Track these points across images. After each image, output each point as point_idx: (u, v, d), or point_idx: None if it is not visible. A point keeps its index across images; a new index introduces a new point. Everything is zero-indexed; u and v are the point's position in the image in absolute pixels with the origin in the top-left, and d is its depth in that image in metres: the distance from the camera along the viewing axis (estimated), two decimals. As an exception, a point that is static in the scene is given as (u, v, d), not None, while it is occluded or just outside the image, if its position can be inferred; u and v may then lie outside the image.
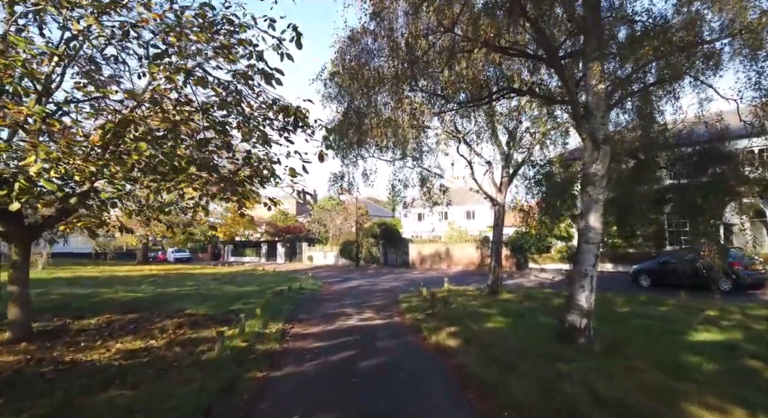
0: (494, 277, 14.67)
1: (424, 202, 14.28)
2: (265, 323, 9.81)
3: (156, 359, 6.60)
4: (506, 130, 14.87)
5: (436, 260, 33.20)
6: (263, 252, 47.87)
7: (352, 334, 9.11)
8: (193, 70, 6.78)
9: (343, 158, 12.85)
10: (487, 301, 13.18)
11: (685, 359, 6.63)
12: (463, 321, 9.67)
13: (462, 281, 20.80)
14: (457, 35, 7.54)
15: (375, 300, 14.82)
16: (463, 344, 7.78)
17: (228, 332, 8.76)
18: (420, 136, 11.93)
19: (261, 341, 8.20)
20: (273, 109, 7.79)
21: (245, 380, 5.81)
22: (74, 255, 46.63)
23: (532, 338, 8.02)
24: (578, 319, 7.41)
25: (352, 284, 21.44)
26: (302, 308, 12.89)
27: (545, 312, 10.96)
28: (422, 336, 8.91)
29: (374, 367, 6.65)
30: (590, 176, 7.46)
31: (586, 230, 7.49)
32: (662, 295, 13.92)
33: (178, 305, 12.45)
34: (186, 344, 7.57)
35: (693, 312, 10.73)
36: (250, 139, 7.54)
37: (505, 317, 10.32)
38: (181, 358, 6.66)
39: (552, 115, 13.29)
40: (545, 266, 26.38)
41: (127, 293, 16.06)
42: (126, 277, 25.14)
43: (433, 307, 12.10)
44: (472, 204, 45.82)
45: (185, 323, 9.48)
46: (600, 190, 7.44)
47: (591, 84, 7.35)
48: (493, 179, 14.90)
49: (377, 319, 11.07)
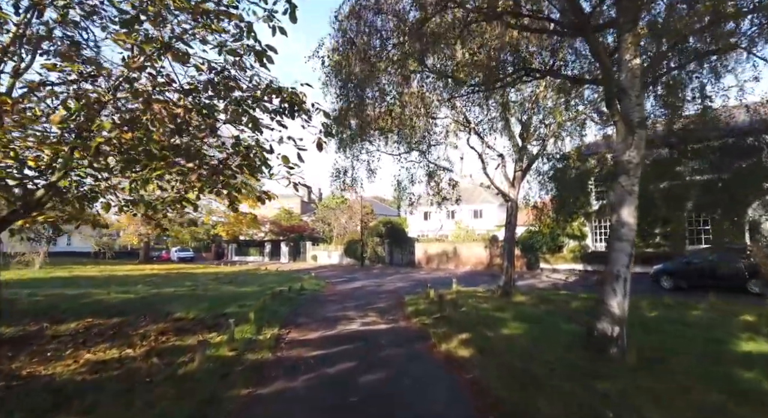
0: (507, 278, 13.75)
1: (432, 197, 13.37)
2: (259, 328, 8.98)
3: (127, 372, 5.77)
4: (519, 122, 13.95)
5: (443, 260, 32.27)
6: (267, 251, 47.19)
7: (354, 341, 8.26)
8: (172, 43, 5.96)
9: (345, 148, 11.98)
10: (499, 304, 12.27)
11: (737, 374, 5.71)
12: (475, 327, 8.78)
13: (471, 281, 19.88)
14: (470, 5, 6.64)
15: (379, 302, 13.96)
16: (477, 354, 6.90)
17: (216, 338, 7.96)
18: (428, 125, 11.05)
19: (252, 348, 7.36)
20: (265, 91, 6.94)
21: (225, 399, 4.96)
22: (76, 254, 46.16)
23: (555, 347, 7.11)
24: (609, 326, 6.50)
25: (356, 284, 20.59)
26: (301, 311, 12.05)
27: (565, 317, 10.04)
28: (431, 344, 8.03)
29: (377, 383, 5.79)
30: (623, 164, 6.54)
31: (618, 225, 6.58)
32: (688, 297, 12.93)
33: (170, 308, 11.65)
34: (166, 353, 6.75)
35: (728, 317, 9.77)
36: (239, 123, 6.70)
37: (522, 322, 9.41)
38: (157, 371, 5.84)
39: (569, 105, 12.32)
40: (557, 266, 25.36)
41: (120, 294, 15.29)
42: (125, 277, 24.45)
43: (441, 310, 11.21)
44: (479, 203, 44.87)
45: (171, 328, 8.67)
46: (634, 180, 6.53)
47: (625, 59, 6.44)
48: (505, 173, 13.96)
49: (381, 323, 10.22)
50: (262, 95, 6.91)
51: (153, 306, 12.12)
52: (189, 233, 46.61)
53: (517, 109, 13.01)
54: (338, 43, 8.06)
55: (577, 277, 21.95)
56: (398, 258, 35.61)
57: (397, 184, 15.17)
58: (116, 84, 6.17)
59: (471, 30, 7.51)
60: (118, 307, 12.00)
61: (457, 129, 12.87)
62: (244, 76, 6.88)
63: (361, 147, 13.70)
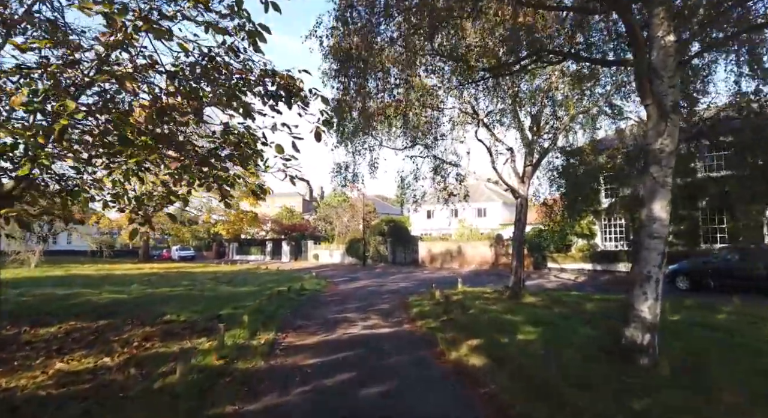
0: (516, 278, 13.07)
1: (438, 193, 12.68)
2: (254, 332, 8.34)
3: (99, 386, 5.14)
4: (529, 115, 13.26)
5: (447, 259, 31.59)
6: (268, 250, 46.61)
7: (355, 347, 7.61)
8: (150, 16, 5.31)
9: (346, 142, 11.34)
10: (509, 305, 11.60)
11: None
12: (486, 331, 8.13)
13: (477, 281, 19.22)
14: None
15: (382, 303, 13.32)
16: (490, 362, 6.24)
17: (205, 344, 7.32)
18: (433, 118, 10.38)
19: (243, 356, 6.72)
20: (259, 77, 6.27)
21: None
22: (76, 253, 45.63)
23: (577, 355, 6.44)
24: (639, 333, 5.84)
25: (358, 284, 19.95)
26: (300, 313, 11.42)
27: (581, 320, 9.38)
28: (438, 350, 7.39)
29: (379, 398, 5.14)
30: (655, 153, 5.86)
31: (649, 221, 5.90)
32: (707, 298, 12.23)
33: (161, 309, 11.04)
34: (147, 362, 6.12)
35: (756, 321, 9.08)
36: (228, 107, 6.05)
37: (535, 326, 8.74)
38: (133, 384, 5.20)
39: (584, 94, 11.59)
40: (565, 266, 24.65)
41: (113, 294, 14.68)
42: (122, 276, 23.90)
43: (447, 312, 10.56)
44: (483, 201, 44.17)
45: (158, 332, 8.04)
46: (667, 170, 5.84)
47: (657, 36, 5.76)
48: (515, 168, 13.25)
49: (384, 326, 9.58)
50: (256, 82, 6.27)
51: (144, 307, 11.51)
52: (189, 231, 46.12)
53: (527, 101, 12.30)
54: (338, 16, 7.36)
55: (586, 277, 21.25)
56: (401, 257, 34.98)
57: (401, 181, 14.53)
58: (92, 65, 5.54)
59: (482, 8, 6.84)
60: (107, 308, 11.40)
61: (464, 121, 12.19)
62: (236, 60, 6.24)
63: (363, 141, 13.08)
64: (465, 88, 10.17)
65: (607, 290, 15.42)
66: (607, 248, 23.77)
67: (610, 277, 20.77)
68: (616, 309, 10.95)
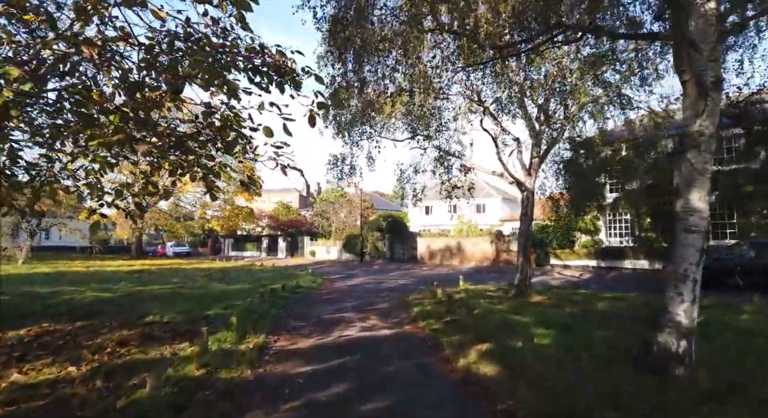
0: (522, 275, 12.41)
1: (441, 185, 11.98)
2: (242, 335, 7.63)
3: (56, 402, 4.44)
4: (535, 104, 12.58)
5: (446, 255, 30.97)
6: (264, 246, 45.92)
7: (352, 352, 6.93)
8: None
9: (343, 133, 10.62)
10: (515, 304, 10.93)
11: None
12: (495, 334, 7.44)
13: (478, 278, 18.56)
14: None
15: (381, 302, 12.64)
16: (503, 371, 5.57)
17: (187, 349, 6.62)
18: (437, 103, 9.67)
19: (228, 364, 6.01)
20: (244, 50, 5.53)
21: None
22: (68, 249, 44.72)
23: (599, 363, 5.77)
24: (674, 340, 5.17)
25: (356, 281, 19.28)
26: (294, 313, 10.73)
27: (594, 321, 8.72)
28: (444, 356, 6.72)
29: (379, 415, 4.46)
30: (693, 136, 5.17)
31: (685, 213, 5.22)
32: (724, 297, 11.58)
33: (145, 309, 10.33)
34: (117, 372, 5.41)
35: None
36: (209, 84, 5.31)
37: (547, 328, 8.06)
38: (96, 400, 4.50)
39: (597, 79, 10.87)
40: (568, 263, 24.03)
41: (98, 292, 13.94)
42: (111, 273, 23.10)
43: (451, 312, 9.90)
44: (482, 197, 43.48)
45: (136, 336, 7.32)
46: (707, 156, 5.16)
47: (695, 3, 5.07)
48: (521, 160, 12.58)
49: (384, 328, 8.90)
50: (242, 59, 5.53)
51: (128, 307, 10.80)
52: (183, 227, 45.35)
53: (536, 87, 11.58)
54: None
55: (590, 274, 20.64)
56: (399, 253, 34.33)
57: (400, 174, 13.84)
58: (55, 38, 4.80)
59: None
60: (87, 308, 10.67)
61: (468, 109, 11.47)
62: (220, 34, 5.50)
63: (361, 131, 12.38)
64: (471, 72, 9.45)
65: (614, 288, 14.79)
66: (612, 244, 23.16)
67: (616, 274, 20.17)
68: (629, 308, 10.33)
